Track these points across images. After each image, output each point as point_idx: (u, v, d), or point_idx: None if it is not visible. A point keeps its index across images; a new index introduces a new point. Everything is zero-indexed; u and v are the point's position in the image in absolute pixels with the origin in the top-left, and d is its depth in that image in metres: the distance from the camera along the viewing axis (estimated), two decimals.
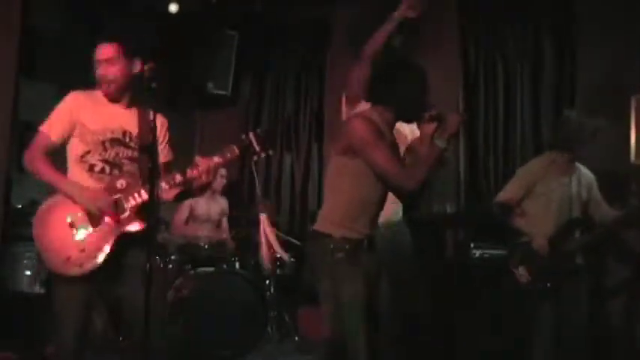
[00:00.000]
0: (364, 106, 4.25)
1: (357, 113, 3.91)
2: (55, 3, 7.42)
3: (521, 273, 4.94)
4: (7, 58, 6.83)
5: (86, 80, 4.02)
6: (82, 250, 3.79)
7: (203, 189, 4.21)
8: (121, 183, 3.87)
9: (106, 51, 3.97)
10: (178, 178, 3.92)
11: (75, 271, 3.78)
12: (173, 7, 7.60)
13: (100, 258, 3.80)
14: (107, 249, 3.81)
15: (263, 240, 7.04)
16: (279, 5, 8.11)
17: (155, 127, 3.72)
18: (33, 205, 6.64)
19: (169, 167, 4.10)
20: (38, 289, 6.39)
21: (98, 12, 7.43)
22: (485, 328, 5.75)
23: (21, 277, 6.37)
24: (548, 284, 4.90)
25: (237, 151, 4.00)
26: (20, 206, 6.74)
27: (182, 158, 8.28)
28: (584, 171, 5.12)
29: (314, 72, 8.32)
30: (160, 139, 4.10)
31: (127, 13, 7.40)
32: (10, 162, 6.77)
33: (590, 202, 5.10)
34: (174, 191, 4.10)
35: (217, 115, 8.58)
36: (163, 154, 4.11)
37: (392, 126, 3.90)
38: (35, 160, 3.90)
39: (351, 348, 3.71)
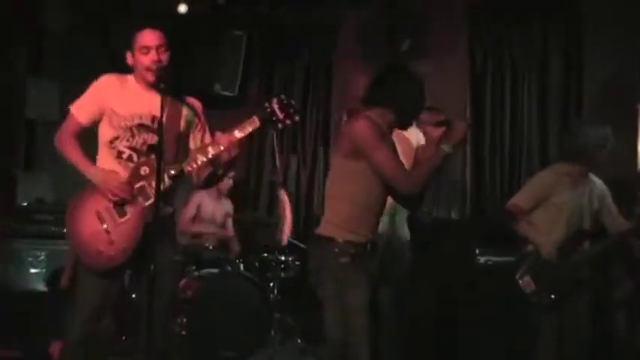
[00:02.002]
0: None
1: (359, 115, 3.90)
2: (61, 3, 7.42)
3: (527, 283, 4.92)
4: (14, 56, 6.84)
5: (90, 78, 3.99)
6: (112, 243, 3.76)
7: (230, 166, 4.10)
8: (144, 169, 3.82)
9: (158, 37, 3.88)
10: (202, 159, 3.82)
11: (108, 264, 3.77)
12: (182, 8, 7.60)
13: (131, 249, 3.77)
14: (136, 240, 3.77)
15: (287, 214, 7.04)
16: (287, 7, 8.11)
17: (162, 126, 3.70)
18: (38, 203, 6.69)
19: None
20: (43, 286, 6.38)
21: (104, 13, 7.44)
22: (490, 335, 5.74)
23: (25, 274, 6.36)
24: (553, 296, 4.87)
25: (258, 122, 3.84)
26: (25, 204, 6.74)
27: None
28: (597, 181, 5.08)
29: (321, 74, 8.30)
30: (199, 125, 4.09)
31: (133, 13, 7.41)
32: (15, 160, 6.79)
33: (602, 211, 5.05)
34: (205, 171, 4.01)
35: (224, 117, 8.53)
36: (205, 137, 4.08)
37: (392, 129, 3.93)
38: (65, 143, 3.88)
39: (354, 351, 3.72)
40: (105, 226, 3.78)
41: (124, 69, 3.96)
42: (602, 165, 4.96)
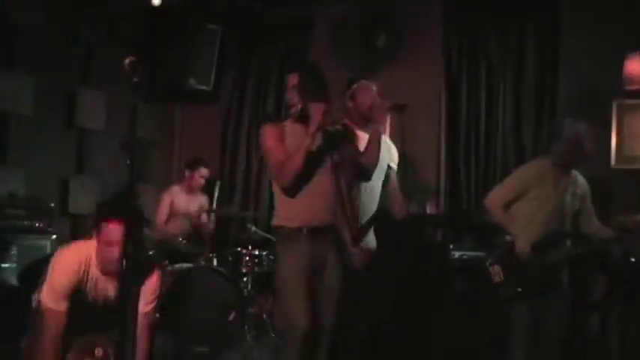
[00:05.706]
0: None
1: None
2: None
3: (496, 271, 4.93)
4: None
5: (63, 71, 3.93)
6: None
7: None
8: (98, 350, 4.05)
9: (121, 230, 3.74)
10: None
11: None
12: (156, 1, 7.53)
13: None
14: None
15: None
16: (262, 1, 8.09)
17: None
18: (11, 198, 6.62)
19: None
20: (14, 281, 6.32)
21: (79, 6, 7.36)
22: (464, 329, 5.76)
23: None
24: (519, 289, 4.88)
25: None
26: None
27: (161, 154, 8.24)
28: (581, 181, 5.07)
29: (296, 69, 8.26)
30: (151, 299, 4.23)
31: (108, 5, 7.35)
32: None
33: (581, 214, 5.06)
34: None
35: (198, 111, 8.54)
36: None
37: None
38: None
39: (289, 324, 3.96)
40: None
41: (98, 63, 3.91)
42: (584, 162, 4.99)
